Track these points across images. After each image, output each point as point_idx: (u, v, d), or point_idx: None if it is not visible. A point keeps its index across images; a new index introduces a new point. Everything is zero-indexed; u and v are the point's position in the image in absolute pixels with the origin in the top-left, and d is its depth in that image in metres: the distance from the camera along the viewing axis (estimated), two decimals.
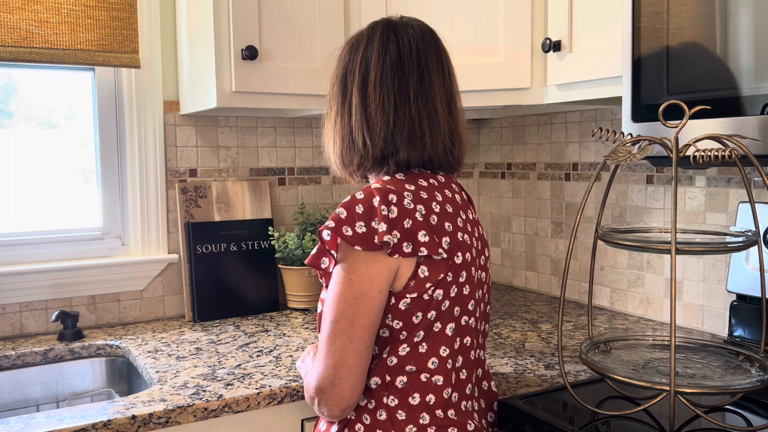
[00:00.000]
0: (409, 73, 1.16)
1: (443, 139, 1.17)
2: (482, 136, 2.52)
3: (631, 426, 1.20)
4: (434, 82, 1.17)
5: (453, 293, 1.12)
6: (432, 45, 1.21)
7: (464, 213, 1.18)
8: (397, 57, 1.16)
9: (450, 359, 1.13)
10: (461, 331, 1.14)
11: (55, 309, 1.86)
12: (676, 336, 1.08)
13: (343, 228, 1.06)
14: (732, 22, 1.21)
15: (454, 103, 1.21)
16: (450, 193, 1.18)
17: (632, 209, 1.95)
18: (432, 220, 1.10)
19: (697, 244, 1.20)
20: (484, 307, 1.23)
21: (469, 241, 1.16)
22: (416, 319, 1.09)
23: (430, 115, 1.16)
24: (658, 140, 1.14)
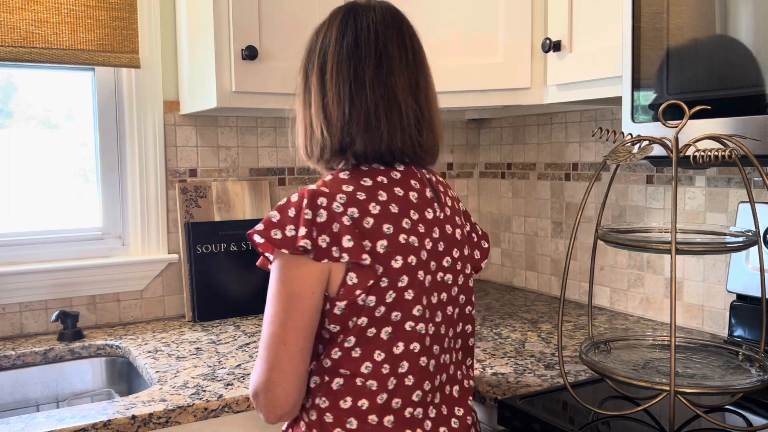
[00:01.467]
0: (365, 60, 1.09)
1: (406, 128, 1.10)
2: (482, 136, 2.52)
3: (631, 426, 1.20)
4: (394, 68, 1.10)
5: (390, 298, 1.06)
6: (394, 28, 1.13)
7: (418, 212, 1.11)
8: (353, 42, 1.10)
9: (387, 364, 1.07)
10: (405, 336, 1.08)
11: (55, 309, 1.86)
12: (676, 336, 1.07)
13: (272, 231, 1.03)
14: (732, 22, 1.21)
15: (422, 90, 1.13)
16: (402, 191, 1.10)
17: (632, 209, 1.95)
18: (365, 224, 1.05)
19: (697, 244, 1.20)
20: (455, 310, 1.17)
21: (417, 242, 1.09)
22: (351, 324, 1.06)
23: (389, 104, 1.09)
24: (658, 140, 1.14)
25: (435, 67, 1.82)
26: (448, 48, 1.80)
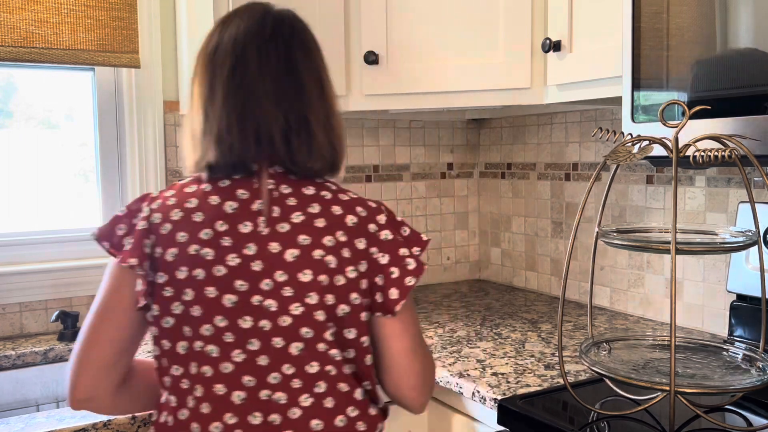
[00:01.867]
0: (220, 68, 1.03)
1: (263, 138, 1.02)
2: (482, 136, 2.52)
3: (631, 426, 1.20)
4: (251, 75, 1.02)
5: (177, 310, 0.99)
6: (258, 32, 1.05)
7: (229, 224, 1.00)
8: (213, 50, 1.05)
9: (186, 380, 1.01)
10: (196, 356, 0.99)
11: (55, 309, 1.86)
12: (676, 336, 1.08)
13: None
14: (732, 22, 1.21)
15: (297, 97, 1.04)
16: (219, 200, 1.01)
17: (632, 209, 1.95)
18: (162, 230, 1.01)
19: (697, 244, 1.20)
20: (290, 344, 1.00)
21: (213, 255, 0.98)
22: (149, 332, 1.05)
23: (242, 114, 1.01)
24: (658, 140, 1.14)
25: (435, 67, 1.83)
26: (448, 48, 1.80)
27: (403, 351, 1.08)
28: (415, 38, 1.82)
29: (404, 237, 1.07)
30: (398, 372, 1.09)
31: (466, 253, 2.54)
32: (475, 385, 1.40)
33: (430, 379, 1.14)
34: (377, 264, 1.03)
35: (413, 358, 1.09)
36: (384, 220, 1.06)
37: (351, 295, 1.01)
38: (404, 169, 2.39)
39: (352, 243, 1.02)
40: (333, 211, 1.03)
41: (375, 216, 1.05)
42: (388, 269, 1.04)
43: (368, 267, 1.03)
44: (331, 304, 1.00)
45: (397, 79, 1.83)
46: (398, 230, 1.07)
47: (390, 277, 1.04)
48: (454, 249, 2.51)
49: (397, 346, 1.07)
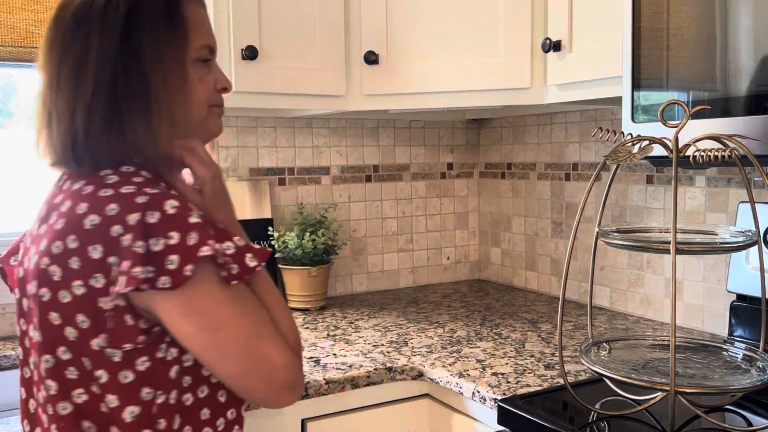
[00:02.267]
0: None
1: (54, 133, 0.94)
2: (482, 136, 2.52)
3: (631, 426, 1.20)
4: (40, 67, 0.97)
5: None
6: (52, 21, 0.95)
7: (35, 224, 0.96)
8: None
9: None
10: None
11: None
12: (676, 336, 1.08)
13: None
14: (732, 22, 1.21)
15: (64, 88, 0.93)
16: (43, 200, 0.98)
17: (632, 209, 1.95)
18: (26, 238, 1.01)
19: (697, 244, 1.20)
20: (37, 356, 0.93)
21: (20, 257, 1.00)
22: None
23: (41, 108, 0.96)
24: (658, 140, 1.14)
25: (435, 67, 1.83)
26: (448, 48, 1.80)
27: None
28: (415, 38, 1.82)
29: (148, 251, 0.83)
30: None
31: (466, 253, 2.54)
32: (475, 385, 1.40)
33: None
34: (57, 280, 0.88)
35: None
36: (135, 220, 0.84)
37: (78, 316, 0.87)
38: (404, 169, 2.39)
39: (86, 251, 0.85)
40: (77, 210, 0.88)
41: (125, 216, 0.84)
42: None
43: (106, 282, 0.85)
44: (57, 324, 0.88)
45: (397, 79, 1.83)
46: (147, 237, 0.84)
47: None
48: (454, 249, 2.51)
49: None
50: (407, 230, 2.41)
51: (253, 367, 0.90)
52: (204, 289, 0.86)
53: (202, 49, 0.99)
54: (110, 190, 0.88)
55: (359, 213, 2.31)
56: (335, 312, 2.05)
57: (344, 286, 2.30)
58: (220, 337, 0.88)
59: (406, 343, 1.70)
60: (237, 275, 0.89)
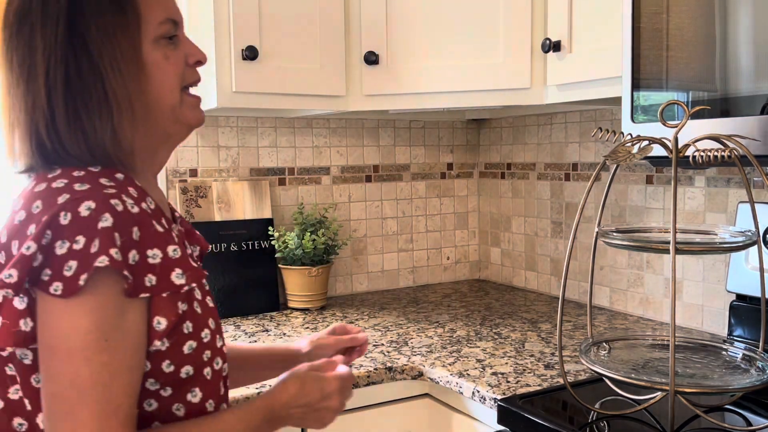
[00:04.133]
0: None
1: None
2: (482, 136, 2.53)
3: (631, 426, 1.20)
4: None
5: None
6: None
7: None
8: None
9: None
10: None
11: None
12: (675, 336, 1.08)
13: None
14: (732, 22, 1.21)
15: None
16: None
17: (632, 209, 1.95)
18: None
19: (697, 244, 1.20)
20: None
21: None
22: None
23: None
24: (657, 140, 1.14)
25: (435, 68, 1.84)
26: (448, 48, 1.80)
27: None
28: (415, 38, 1.82)
29: (49, 252, 0.77)
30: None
31: (466, 253, 2.54)
32: (475, 385, 1.41)
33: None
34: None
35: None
36: (45, 219, 0.78)
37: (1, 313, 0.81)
38: (404, 169, 2.40)
39: (9, 246, 0.81)
40: (14, 206, 0.84)
41: (42, 215, 0.79)
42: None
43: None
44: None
45: (397, 79, 1.83)
46: (23, 240, 0.78)
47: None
48: (454, 249, 2.51)
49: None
50: (407, 230, 2.41)
51: (56, 415, 0.77)
52: (79, 306, 0.76)
53: (162, 25, 0.89)
54: (43, 185, 0.82)
55: (359, 213, 2.32)
56: (335, 312, 2.05)
57: (344, 286, 2.30)
58: (49, 360, 0.78)
59: (406, 343, 1.70)
60: (149, 288, 0.80)
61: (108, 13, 0.84)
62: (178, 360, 0.85)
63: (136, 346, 0.80)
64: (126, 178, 0.85)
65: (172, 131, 0.94)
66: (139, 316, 0.81)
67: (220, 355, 0.92)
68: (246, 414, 0.91)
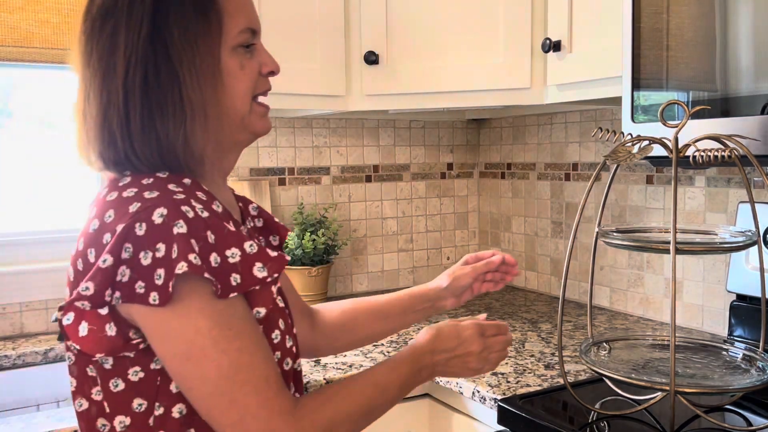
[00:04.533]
0: None
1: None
2: (482, 136, 2.52)
3: (631, 426, 1.20)
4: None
5: None
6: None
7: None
8: None
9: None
10: None
11: (55, 309, 1.85)
12: (676, 336, 1.08)
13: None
14: (732, 22, 1.21)
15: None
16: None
17: (632, 209, 1.95)
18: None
19: (697, 244, 1.20)
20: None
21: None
22: None
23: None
24: (658, 140, 1.14)
25: (435, 68, 1.83)
26: (448, 48, 1.80)
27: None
28: (415, 38, 1.82)
29: (136, 264, 0.78)
30: None
31: (466, 253, 2.53)
32: (475, 385, 1.40)
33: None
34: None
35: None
36: (120, 230, 0.79)
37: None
38: (404, 169, 2.39)
39: (86, 254, 0.83)
40: (89, 214, 0.86)
41: (116, 225, 0.80)
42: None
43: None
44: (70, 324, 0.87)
45: (397, 79, 1.83)
46: (99, 250, 0.80)
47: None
48: (454, 249, 2.51)
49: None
50: (407, 230, 2.41)
51: (219, 412, 0.80)
52: (183, 309, 0.78)
53: (241, 34, 0.89)
54: (115, 194, 0.83)
55: (359, 213, 2.31)
56: None
57: (344, 286, 2.30)
58: (188, 369, 0.80)
59: (406, 343, 1.70)
60: (237, 287, 0.81)
61: (191, 19, 0.84)
62: None
63: (254, 323, 0.84)
64: (193, 183, 0.86)
65: (240, 138, 0.94)
66: (244, 302, 0.83)
67: (290, 356, 0.93)
68: (394, 364, 0.96)
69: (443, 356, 1.00)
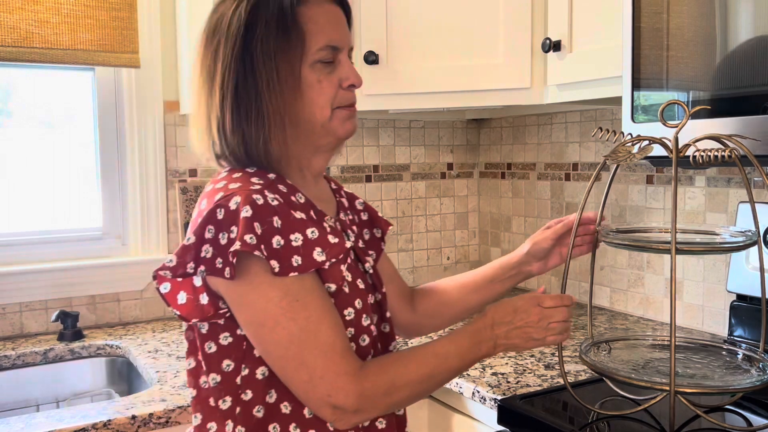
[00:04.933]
0: None
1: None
2: (482, 136, 2.52)
3: (631, 426, 1.20)
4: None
5: None
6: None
7: None
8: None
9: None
10: None
11: (55, 309, 1.86)
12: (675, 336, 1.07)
13: None
14: (732, 22, 1.21)
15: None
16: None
17: (632, 209, 1.95)
18: None
19: (697, 244, 1.20)
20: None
21: None
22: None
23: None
24: (657, 140, 1.14)
25: (435, 68, 1.83)
26: (448, 48, 1.80)
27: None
28: (415, 38, 1.82)
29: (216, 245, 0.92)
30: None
31: (466, 253, 2.54)
32: (475, 385, 1.40)
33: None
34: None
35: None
36: (207, 215, 0.93)
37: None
38: (404, 169, 2.39)
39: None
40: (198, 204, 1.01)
41: (205, 211, 0.94)
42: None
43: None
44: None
45: (397, 79, 1.83)
46: (218, 231, 0.93)
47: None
48: (454, 249, 2.51)
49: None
50: (407, 230, 2.41)
51: (291, 372, 0.93)
52: (255, 282, 0.91)
53: (320, 51, 0.99)
54: (211, 186, 0.98)
55: None
56: None
57: None
58: (263, 334, 0.93)
59: (405, 343, 1.70)
60: (297, 267, 0.92)
61: (273, 38, 0.97)
62: None
63: (323, 294, 0.95)
64: (277, 178, 1.00)
65: (323, 142, 1.04)
66: (314, 277, 0.95)
67: (367, 333, 1.01)
68: (454, 337, 1.03)
69: (503, 329, 1.04)
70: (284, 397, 0.97)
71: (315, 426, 0.97)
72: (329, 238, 0.97)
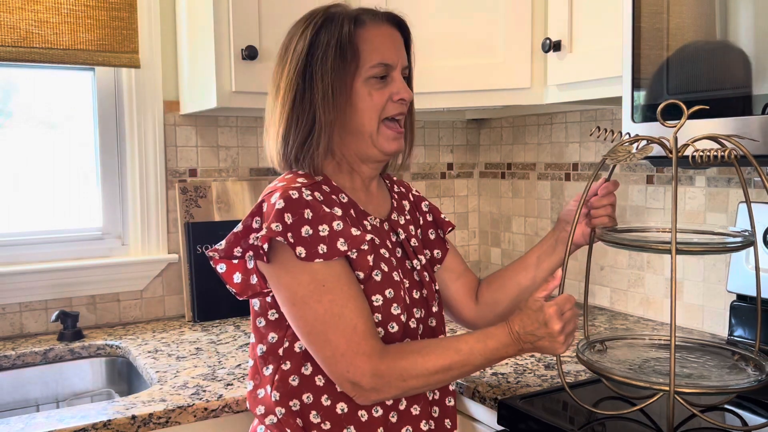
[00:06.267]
0: None
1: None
2: (482, 136, 2.52)
3: (630, 426, 1.20)
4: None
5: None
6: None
7: None
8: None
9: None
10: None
11: (55, 309, 1.86)
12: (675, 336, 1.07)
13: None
14: (732, 23, 1.21)
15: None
16: None
17: (632, 209, 1.95)
18: None
19: (697, 244, 1.20)
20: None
21: None
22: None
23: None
24: (656, 140, 1.14)
25: (435, 68, 1.83)
26: (448, 48, 1.80)
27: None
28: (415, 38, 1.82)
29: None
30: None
31: (466, 253, 2.54)
32: (475, 385, 1.40)
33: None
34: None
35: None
36: (256, 208, 1.09)
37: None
38: (404, 169, 2.39)
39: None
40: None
41: (257, 203, 1.10)
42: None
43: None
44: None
45: None
46: (262, 222, 1.08)
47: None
48: None
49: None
50: None
51: (317, 348, 1.05)
52: (286, 266, 1.04)
53: (373, 68, 1.12)
54: (268, 185, 1.14)
55: None
56: None
57: None
58: (294, 312, 1.06)
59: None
60: (323, 254, 1.03)
61: (331, 58, 1.10)
62: None
63: (350, 281, 1.06)
64: (324, 179, 1.14)
65: (370, 153, 1.16)
66: (343, 264, 1.06)
67: (396, 321, 1.10)
68: (482, 336, 1.09)
69: (530, 339, 1.08)
70: (318, 371, 1.08)
71: (344, 399, 1.08)
72: (352, 230, 1.06)
